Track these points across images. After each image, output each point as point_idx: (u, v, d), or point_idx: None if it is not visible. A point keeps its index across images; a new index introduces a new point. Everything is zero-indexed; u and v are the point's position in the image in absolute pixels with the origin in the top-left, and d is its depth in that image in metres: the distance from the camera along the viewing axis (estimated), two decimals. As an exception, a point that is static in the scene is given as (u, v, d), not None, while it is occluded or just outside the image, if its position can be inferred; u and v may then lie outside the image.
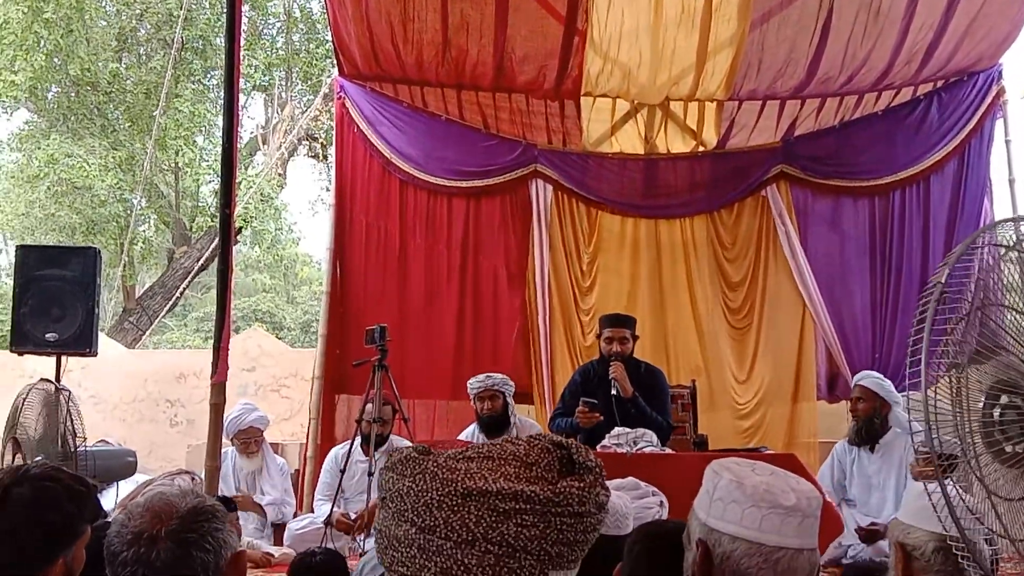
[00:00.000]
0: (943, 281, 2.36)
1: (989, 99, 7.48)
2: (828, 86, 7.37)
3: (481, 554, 1.01)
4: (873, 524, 5.10)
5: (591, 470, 1.07)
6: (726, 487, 1.60)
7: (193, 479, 2.90)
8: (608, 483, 2.58)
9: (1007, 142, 7.47)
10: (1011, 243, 2.32)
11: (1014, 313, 2.54)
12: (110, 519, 2.86)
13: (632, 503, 2.75)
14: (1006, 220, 2.66)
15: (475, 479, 1.02)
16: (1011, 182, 7.35)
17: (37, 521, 1.92)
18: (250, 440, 6.04)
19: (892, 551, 2.20)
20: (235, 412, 6.00)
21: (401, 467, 1.08)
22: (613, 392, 5.38)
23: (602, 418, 5.31)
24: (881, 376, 5.63)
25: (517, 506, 1.01)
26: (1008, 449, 2.68)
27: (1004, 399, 2.73)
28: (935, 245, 7.42)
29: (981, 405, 2.82)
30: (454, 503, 1.02)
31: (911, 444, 5.20)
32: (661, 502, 2.94)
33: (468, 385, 5.95)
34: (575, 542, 1.04)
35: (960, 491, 2.15)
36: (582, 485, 1.05)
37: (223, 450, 5.99)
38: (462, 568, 1.01)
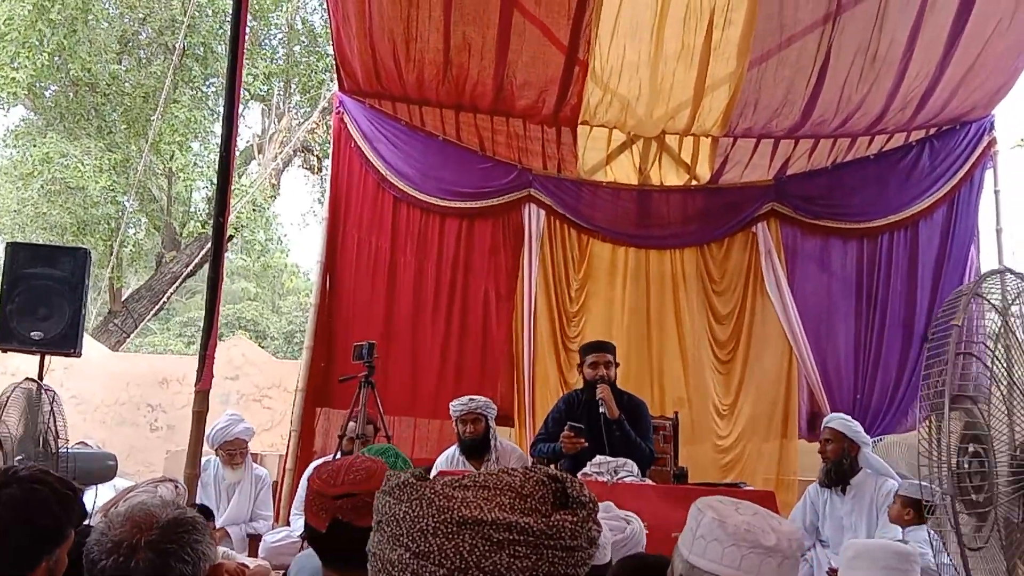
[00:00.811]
0: (960, 324, 2.41)
1: (981, 148, 7.58)
2: (822, 128, 7.44)
3: None
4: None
5: (584, 505, 1.09)
6: (708, 525, 1.62)
7: (177, 488, 2.89)
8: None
9: (996, 192, 7.56)
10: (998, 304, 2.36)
11: (982, 361, 2.58)
12: (90, 524, 2.86)
13: (609, 533, 2.78)
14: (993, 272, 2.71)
15: (471, 508, 1.04)
16: (998, 232, 7.43)
17: (25, 523, 1.92)
18: (235, 452, 6.03)
19: None
20: (222, 423, 5.99)
21: (398, 492, 1.09)
22: (601, 410, 5.41)
23: (586, 444, 5.33)
24: (848, 417, 5.66)
25: (511, 537, 1.02)
26: (974, 498, 2.72)
27: (971, 448, 2.78)
28: (921, 290, 7.49)
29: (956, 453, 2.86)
30: (449, 531, 1.03)
31: (880, 485, 5.26)
32: (636, 529, 2.96)
33: (450, 407, 5.92)
34: (565, 575, 1.06)
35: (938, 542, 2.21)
36: (575, 519, 1.06)
37: (206, 458, 5.99)
38: None
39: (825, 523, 5.51)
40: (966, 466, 2.59)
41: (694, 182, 7.84)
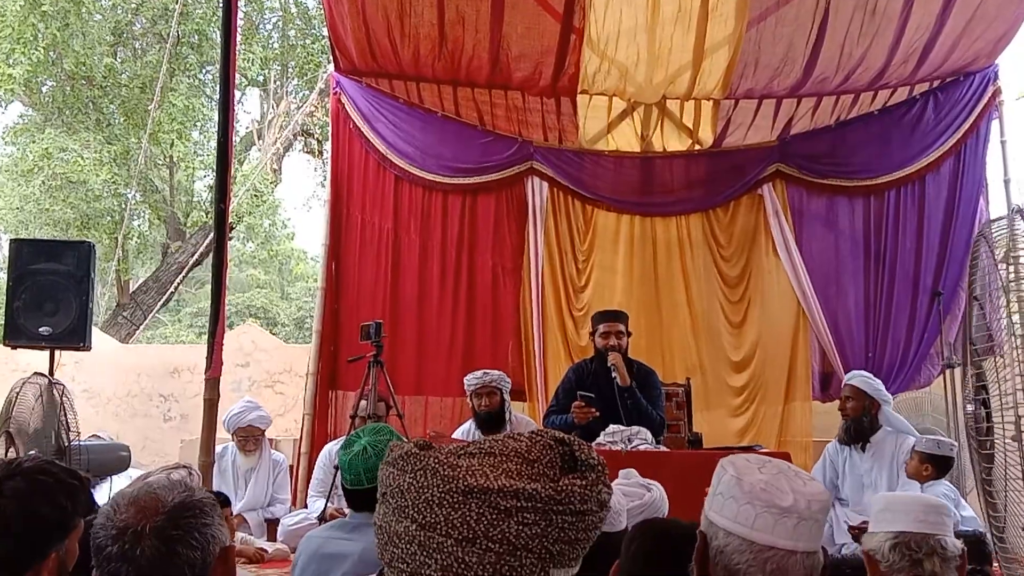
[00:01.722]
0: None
1: (985, 99, 7.49)
2: (824, 85, 7.37)
3: (482, 552, 1.00)
4: (865, 523, 5.10)
5: (593, 468, 1.07)
6: (727, 482, 1.60)
7: (190, 473, 2.88)
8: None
9: (1003, 142, 7.48)
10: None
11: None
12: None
13: (624, 500, 2.75)
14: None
15: (476, 476, 1.02)
16: (1007, 182, 7.35)
17: (30, 514, 1.90)
18: (248, 438, 6.03)
19: (864, 559, 2.28)
20: (236, 408, 6.01)
21: (402, 463, 1.07)
22: (613, 376, 5.40)
23: (598, 413, 5.31)
24: (870, 375, 5.64)
25: (518, 504, 1.00)
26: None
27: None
28: (930, 245, 7.43)
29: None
30: (455, 500, 1.01)
31: (900, 442, 5.25)
32: (656, 497, 2.94)
33: (465, 381, 5.93)
34: (576, 540, 1.04)
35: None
36: (584, 483, 1.04)
37: (224, 445, 6.01)
38: (463, 566, 1.00)
39: (845, 481, 5.51)
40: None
41: (697, 147, 7.79)
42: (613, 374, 5.43)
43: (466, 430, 6.02)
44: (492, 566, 1.00)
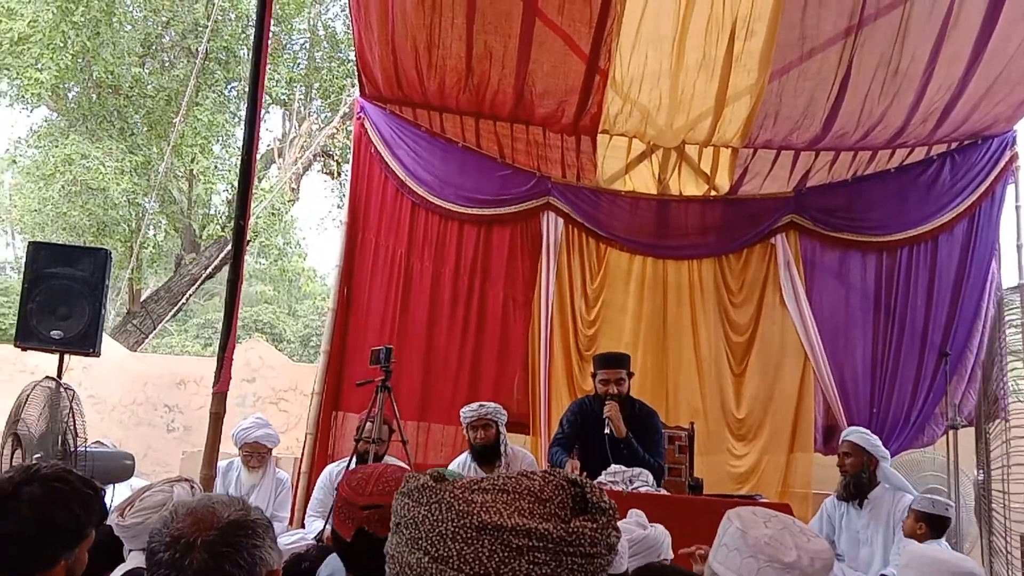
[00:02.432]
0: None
1: (1002, 163, 7.53)
2: (843, 140, 7.42)
3: None
4: (860, 579, 5.10)
5: (604, 511, 1.09)
6: (732, 534, 1.62)
7: (193, 488, 2.90)
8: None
9: (1017, 208, 7.50)
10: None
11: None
12: (108, 522, 2.88)
13: (624, 539, 2.77)
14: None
15: (490, 513, 1.04)
16: (1019, 248, 7.37)
17: (44, 521, 1.93)
18: (253, 454, 6.05)
19: None
20: (246, 424, 6.03)
21: (417, 494, 1.09)
22: (607, 431, 5.40)
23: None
24: (868, 431, 5.64)
25: (530, 543, 1.02)
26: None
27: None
28: (940, 304, 7.44)
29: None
30: (468, 536, 1.03)
31: (897, 500, 5.24)
32: (661, 534, 2.95)
33: (461, 414, 5.94)
34: None
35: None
36: (595, 526, 1.06)
37: (230, 460, 6.03)
38: None
39: (841, 536, 5.50)
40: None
41: (713, 193, 7.83)
42: (607, 430, 5.41)
43: (461, 462, 6.01)
44: None
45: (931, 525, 4.90)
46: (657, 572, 2.31)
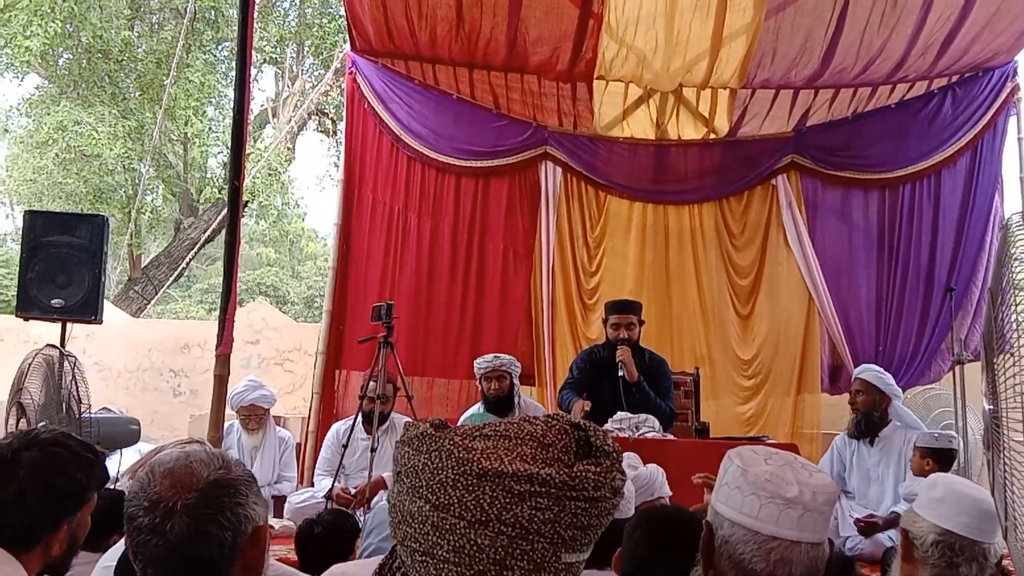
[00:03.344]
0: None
1: (1004, 95, 7.45)
2: (842, 76, 7.32)
3: (494, 535, 1.00)
4: (871, 516, 5.12)
5: (608, 455, 1.06)
6: (733, 473, 1.61)
7: (204, 449, 2.89)
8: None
9: (1020, 139, 7.42)
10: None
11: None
12: (115, 487, 2.88)
13: (631, 486, 2.76)
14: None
15: (491, 459, 1.01)
16: (1022, 179, 7.31)
17: (45, 486, 1.92)
18: (250, 417, 6.06)
19: (900, 536, 2.24)
20: (239, 388, 6.02)
21: (417, 443, 1.07)
22: (620, 374, 5.41)
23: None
24: (881, 369, 5.64)
25: (532, 488, 1.00)
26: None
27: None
28: (944, 240, 7.40)
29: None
30: (469, 483, 1.01)
31: (908, 437, 5.24)
32: (652, 472, 2.95)
33: (475, 365, 5.94)
34: (589, 526, 1.04)
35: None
36: (599, 470, 1.04)
37: (230, 423, 6.04)
38: (474, 547, 1.00)
39: (852, 474, 5.51)
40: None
41: (712, 135, 7.76)
42: (621, 372, 5.43)
43: (474, 413, 6.03)
44: (504, 549, 1.00)
45: (938, 459, 4.91)
46: (660, 513, 2.30)
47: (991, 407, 2.25)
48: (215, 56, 14.60)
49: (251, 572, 1.56)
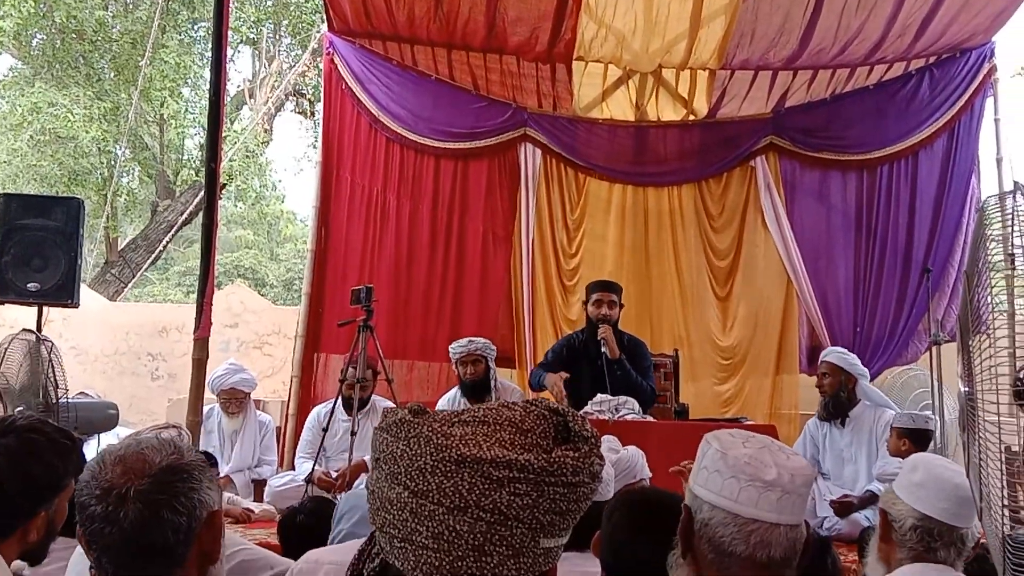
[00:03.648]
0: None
1: (981, 76, 7.48)
2: (821, 57, 7.34)
3: (472, 521, 1.01)
4: (845, 496, 5.17)
5: (586, 440, 1.07)
6: (711, 456, 1.62)
7: (180, 433, 2.88)
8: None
9: (996, 120, 7.47)
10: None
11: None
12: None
13: (612, 470, 2.77)
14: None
15: (469, 446, 1.02)
16: (999, 161, 7.35)
17: (21, 473, 1.91)
18: (231, 400, 6.04)
19: (878, 515, 2.26)
20: (219, 371, 6.00)
21: (395, 429, 1.07)
22: (603, 350, 5.43)
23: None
24: (844, 350, 5.69)
25: (511, 474, 1.00)
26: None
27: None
28: (921, 221, 7.44)
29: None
30: (447, 469, 1.01)
31: (878, 416, 5.29)
32: (632, 455, 2.96)
33: (450, 349, 5.95)
34: (567, 511, 1.05)
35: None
36: (577, 455, 1.04)
37: (210, 407, 6.02)
38: (453, 534, 1.01)
39: (825, 456, 5.56)
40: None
41: (691, 117, 7.76)
42: (603, 348, 5.45)
43: (451, 398, 6.03)
44: (482, 535, 1.01)
45: (914, 440, 4.95)
46: (639, 496, 2.31)
47: (966, 389, 2.26)
48: (191, 36, 14.45)
49: (207, 558, 1.55)
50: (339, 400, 5.69)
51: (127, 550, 1.47)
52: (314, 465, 5.57)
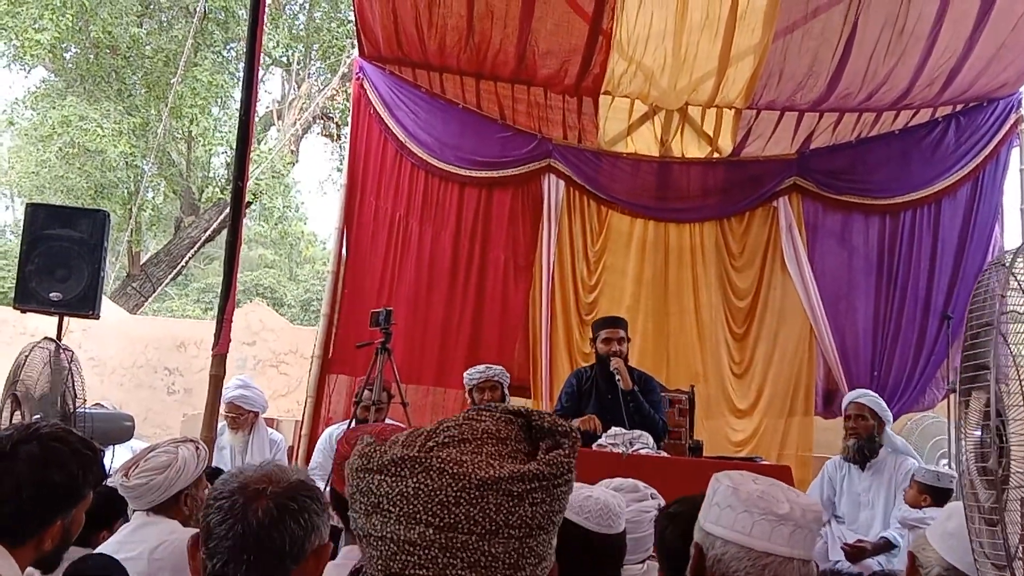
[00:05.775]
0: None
1: (1007, 127, 7.48)
2: (847, 101, 7.35)
3: (506, 540, 1.02)
4: (860, 541, 5.11)
5: (567, 434, 1.10)
6: (723, 492, 1.63)
7: (197, 449, 2.89)
8: (608, 482, 2.60)
9: (1021, 171, 7.46)
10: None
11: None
12: (106, 484, 2.87)
13: (629, 505, 2.75)
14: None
15: (483, 469, 1.03)
16: (1023, 211, 7.33)
17: (42, 480, 1.91)
18: (231, 415, 6.01)
19: (907, 559, 2.25)
20: (229, 383, 6.00)
21: (396, 468, 1.05)
22: (617, 379, 5.42)
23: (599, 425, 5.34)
24: (876, 394, 5.64)
25: (527, 486, 1.03)
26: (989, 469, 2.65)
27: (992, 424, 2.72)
28: (942, 268, 7.42)
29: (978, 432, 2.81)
30: (471, 496, 1.01)
31: (899, 463, 5.24)
32: (659, 505, 2.93)
33: (465, 376, 5.94)
34: (563, 507, 1.10)
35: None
36: (565, 452, 1.08)
37: (223, 423, 6.02)
38: (489, 558, 1.01)
39: (842, 498, 5.50)
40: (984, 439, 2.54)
41: (716, 155, 7.77)
42: (617, 378, 5.44)
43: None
44: (516, 552, 1.03)
45: (935, 498, 4.90)
46: (693, 504, 2.29)
47: (980, 435, 2.25)
48: (223, 56, 14.62)
49: None
50: (353, 421, 5.69)
51: (245, 545, 1.51)
52: (325, 486, 5.55)
